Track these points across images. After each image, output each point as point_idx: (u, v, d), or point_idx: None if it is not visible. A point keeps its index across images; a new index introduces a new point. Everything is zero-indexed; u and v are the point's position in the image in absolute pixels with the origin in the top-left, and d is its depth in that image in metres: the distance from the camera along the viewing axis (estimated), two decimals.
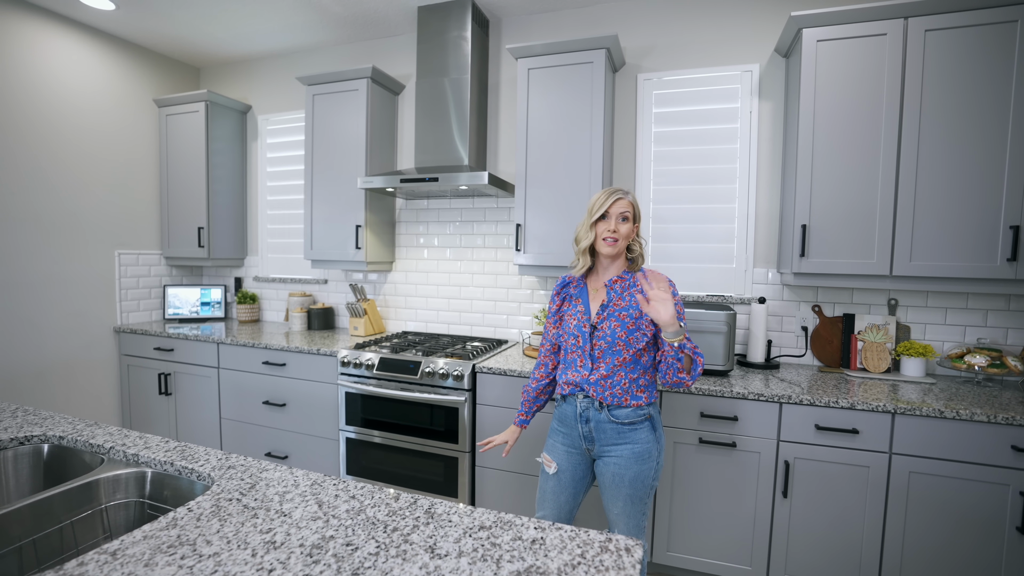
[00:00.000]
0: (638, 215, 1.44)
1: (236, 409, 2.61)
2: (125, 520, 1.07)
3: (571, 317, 1.45)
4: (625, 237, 1.40)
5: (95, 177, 2.80)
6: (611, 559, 0.74)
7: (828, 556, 1.69)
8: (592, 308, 1.43)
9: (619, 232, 1.39)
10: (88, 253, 2.79)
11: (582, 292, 1.47)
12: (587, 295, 1.46)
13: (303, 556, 0.74)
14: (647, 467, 1.37)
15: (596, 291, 1.45)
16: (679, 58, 2.30)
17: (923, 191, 1.76)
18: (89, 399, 2.82)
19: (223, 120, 3.05)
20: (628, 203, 1.41)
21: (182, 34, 2.84)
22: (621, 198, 1.41)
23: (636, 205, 1.43)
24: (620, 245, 1.40)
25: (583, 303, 1.45)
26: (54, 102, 2.61)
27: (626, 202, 1.40)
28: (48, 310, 2.62)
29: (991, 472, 1.52)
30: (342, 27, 2.72)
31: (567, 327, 1.45)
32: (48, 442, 1.22)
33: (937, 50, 1.72)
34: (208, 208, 2.97)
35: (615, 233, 1.39)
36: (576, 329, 1.42)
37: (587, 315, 1.42)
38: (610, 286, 1.42)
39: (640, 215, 1.46)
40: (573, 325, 1.43)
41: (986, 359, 1.82)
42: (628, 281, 1.42)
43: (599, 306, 1.42)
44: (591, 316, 1.42)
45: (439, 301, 2.80)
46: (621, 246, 1.40)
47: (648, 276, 1.39)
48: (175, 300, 3.13)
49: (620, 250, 1.41)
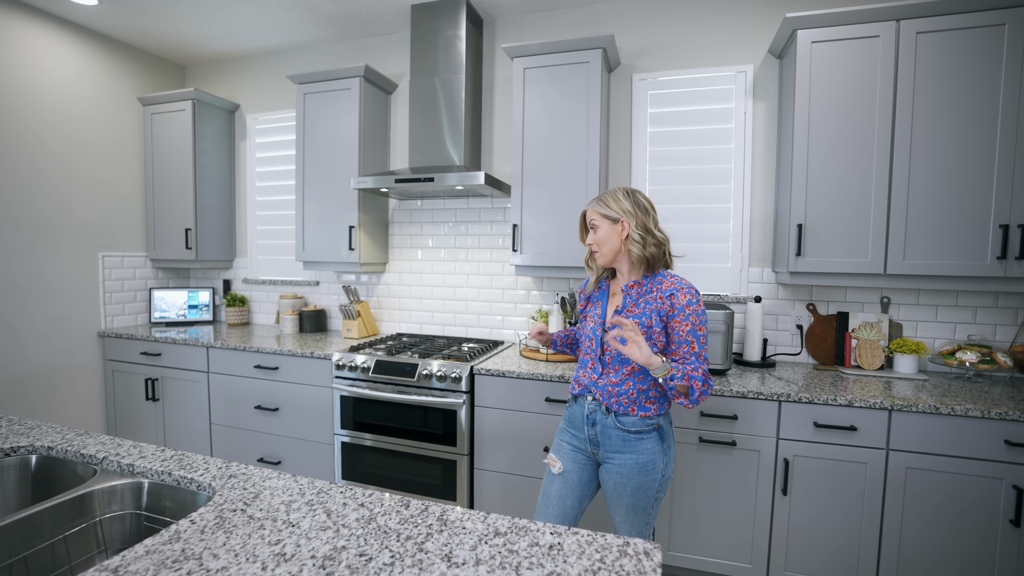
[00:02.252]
0: (621, 212, 1.34)
1: (227, 414, 2.55)
2: (121, 533, 1.03)
3: (589, 319, 1.44)
4: (602, 243, 1.38)
5: (77, 177, 2.72)
6: (631, 564, 0.73)
7: (827, 552, 1.71)
8: (608, 311, 1.42)
9: (594, 241, 1.39)
10: (70, 255, 2.70)
11: (603, 294, 1.46)
12: (607, 298, 1.45)
13: (316, 568, 0.71)
14: (650, 479, 1.33)
15: (615, 295, 1.44)
16: (674, 58, 2.31)
17: (916, 191, 1.79)
18: (72, 406, 2.73)
19: (210, 119, 2.98)
20: (592, 210, 1.40)
21: (167, 31, 2.77)
22: (586, 208, 1.43)
23: (612, 204, 1.35)
24: (604, 252, 1.38)
25: (602, 306, 1.43)
26: (34, 100, 2.52)
27: (590, 210, 1.41)
28: (28, 314, 2.53)
29: (985, 466, 1.55)
30: (334, 25, 2.67)
31: (584, 328, 1.45)
32: (36, 453, 1.17)
33: (929, 52, 1.75)
34: (195, 209, 2.90)
35: (592, 244, 1.41)
36: (591, 332, 1.41)
37: (602, 318, 1.41)
38: (626, 291, 1.40)
39: (629, 211, 1.35)
40: (589, 327, 1.42)
41: (977, 355, 1.86)
42: (646, 286, 1.38)
43: (613, 311, 1.40)
44: (605, 320, 1.41)
45: (433, 302, 2.77)
46: (606, 252, 1.38)
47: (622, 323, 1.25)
48: (161, 303, 3.05)
49: (608, 257, 1.39)
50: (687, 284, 1.34)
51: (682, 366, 1.27)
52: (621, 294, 1.41)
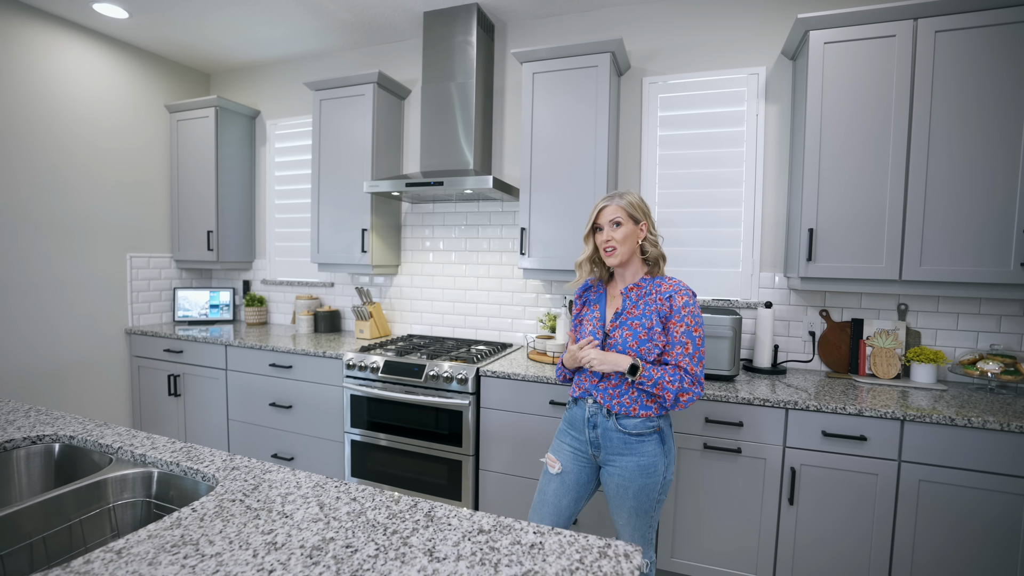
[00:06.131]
0: (641, 214, 1.38)
1: (243, 411, 2.64)
2: (132, 519, 1.09)
3: (588, 322, 1.44)
4: (624, 242, 1.36)
5: (108, 182, 2.86)
6: (609, 565, 0.74)
7: (835, 565, 1.66)
8: (607, 315, 1.42)
9: (614, 239, 1.36)
10: (101, 256, 2.84)
11: (600, 298, 1.46)
12: (605, 301, 1.45)
13: (303, 557, 0.74)
14: (652, 481, 1.34)
15: (614, 298, 1.44)
16: (685, 61, 2.30)
17: (933, 194, 1.74)
18: (101, 399, 2.86)
19: (232, 125, 3.10)
20: (616, 207, 1.37)
21: (193, 41, 2.89)
22: (607, 205, 1.38)
23: (636, 204, 1.37)
24: (622, 252, 1.37)
25: (600, 309, 1.44)
26: (69, 108, 2.67)
27: (614, 207, 1.37)
28: (62, 312, 2.67)
29: (1005, 482, 1.49)
30: (349, 33, 2.75)
31: (583, 332, 1.45)
32: (59, 441, 1.25)
33: (948, 51, 1.70)
34: (217, 212, 3.02)
35: (610, 242, 1.36)
36: (590, 335, 1.41)
37: (602, 321, 1.41)
38: (626, 294, 1.40)
39: (646, 212, 1.39)
40: (588, 331, 1.43)
41: (999, 366, 1.78)
42: (645, 289, 1.38)
43: (613, 313, 1.40)
44: (605, 323, 1.41)
45: (444, 304, 2.81)
46: (623, 252, 1.37)
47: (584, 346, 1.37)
48: (185, 302, 3.17)
49: (624, 257, 1.38)
50: (685, 287, 1.37)
51: (657, 375, 1.30)
52: (620, 297, 1.42)
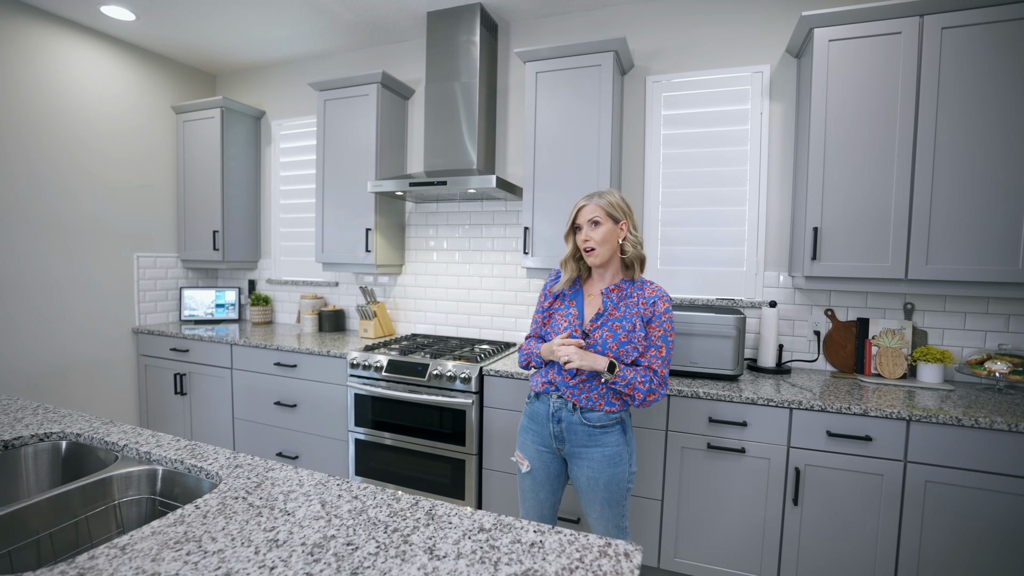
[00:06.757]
0: (621, 213, 1.37)
1: (248, 409, 2.65)
2: (137, 516, 1.10)
3: (562, 318, 1.43)
4: (603, 242, 1.36)
5: (115, 182, 2.89)
6: (609, 564, 0.74)
7: (840, 567, 1.65)
8: (586, 314, 1.42)
9: (593, 239, 1.36)
10: (108, 256, 2.87)
11: (576, 295, 1.45)
12: (581, 299, 1.44)
13: (304, 555, 0.75)
14: (620, 470, 1.37)
15: (591, 297, 1.44)
16: (688, 60, 2.29)
17: (940, 193, 1.72)
18: (108, 398, 2.89)
19: (238, 126, 3.12)
20: (595, 207, 1.36)
21: (199, 43, 2.91)
22: (586, 204, 1.38)
23: (615, 203, 1.37)
24: (601, 251, 1.36)
25: (577, 307, 1.43)
26: (78, 110, 2.70)
27: (593, 206, 1.37)
28: (70, 311, 2.70)
29: (1012, 483, 1.47)
30: (353, 33, 2.76)
31: (556, 327, 1.43)
32: (66, 439, 1.26)
33: (954, 48, 1.68)
34: (223, 212, 3.04)
35: (588, 241, 1.36)
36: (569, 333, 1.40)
37: (580, 319, 1.41)
38: (607, 295, 1.40)
39: (626, 211, 1.38)
40: (563, 327, 1.41)
41: (1008, 365, 1.76)
42: (626, 291, 1.39)
43: (594, 313, 1.40)
44: (584, 323, 1.40)
45: (448, 304, 2.81)
46: (603, 252, 1.36)
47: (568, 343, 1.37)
48: (191, 302, 3.20)
49: (604, 258, 1.37)
50: (665, 293, 1.40)
51: (631, 375, 1.32)
52: (599, 297, 1.41)
